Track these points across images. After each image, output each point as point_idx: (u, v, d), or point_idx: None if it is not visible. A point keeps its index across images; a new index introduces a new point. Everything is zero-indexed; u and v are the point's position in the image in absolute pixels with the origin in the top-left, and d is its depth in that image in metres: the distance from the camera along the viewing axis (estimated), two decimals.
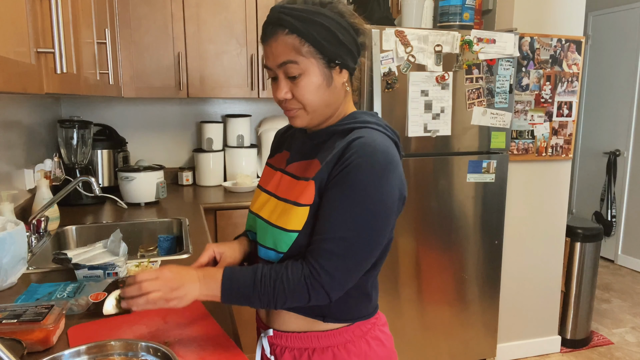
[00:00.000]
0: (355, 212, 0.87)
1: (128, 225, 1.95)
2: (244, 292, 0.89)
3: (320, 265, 0.87)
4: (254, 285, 0.89)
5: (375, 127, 0.94)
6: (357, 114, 0.98)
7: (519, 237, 2.67)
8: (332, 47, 0.89)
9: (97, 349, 0.89)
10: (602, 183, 4.36)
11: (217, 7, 2.46)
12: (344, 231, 0.87)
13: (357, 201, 0.87)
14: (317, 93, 0.91)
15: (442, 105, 2.26)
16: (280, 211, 0.95)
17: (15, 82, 0.76)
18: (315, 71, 0.90)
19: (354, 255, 0.88)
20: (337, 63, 0.91)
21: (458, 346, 2.52)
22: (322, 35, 0.88)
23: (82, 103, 2.68)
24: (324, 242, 0.88)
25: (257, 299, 0.89)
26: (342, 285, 0.89)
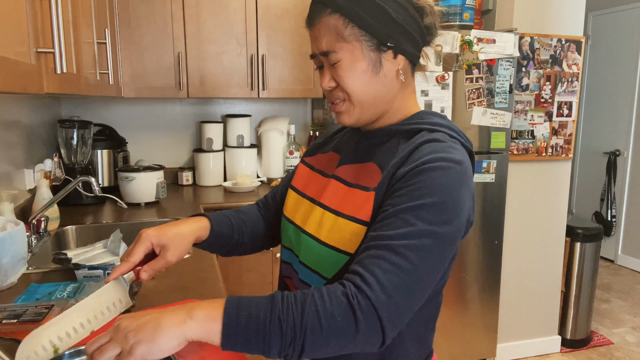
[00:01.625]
0: (424, 219, 0.67)
1: (128, 225, 1.95)
2: (258, 318, 0.61)
3: (374, 278, 0.63)
4: (272, 308, 0.62)
5: (448, 132, 0.78)
6: (425, 115, 0.82)
7: (519, 237, 2.67)
8: (382, 26, 0.75)
9: None
10: (602, 183, 4.36)
11: (217, 7, 2.46)
12: (408, 239, 0.66)
13: (428, 207, 0.67)
14: (361, 80, 0.77)
15: (442, 105, 2.26)
16: (329, 226, 0.78)
17: (15, 82, 0.76)
18: (359, 55, 0.76)
19: (417, 273, 0.65)
20: (389, 46, 0.76)
21: (458, 346, 2.52)
22: (369, 12, 0.74)
23: (82, 103, 2.68)
24: (379, 249, 0.66)
25: (276, 330, 0.61)
26: (399, 313, 0.64)
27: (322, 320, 0.61)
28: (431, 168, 0.70)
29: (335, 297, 0.62)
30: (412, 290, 0.65)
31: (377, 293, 0.62)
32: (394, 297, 0.63)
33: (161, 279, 1.35)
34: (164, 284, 1.31)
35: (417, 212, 0.67)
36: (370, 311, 0.62)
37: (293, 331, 0.61)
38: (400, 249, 0.65)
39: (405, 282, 0.64)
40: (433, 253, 0.67)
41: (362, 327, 0.61)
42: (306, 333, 0.61)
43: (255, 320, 0.61)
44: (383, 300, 0.62)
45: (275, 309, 0.62)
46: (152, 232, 0.85)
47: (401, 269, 0.64)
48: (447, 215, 0.68)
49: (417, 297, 0.66)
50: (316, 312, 0.61)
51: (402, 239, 0.65)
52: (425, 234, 0.66)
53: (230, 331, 0.61)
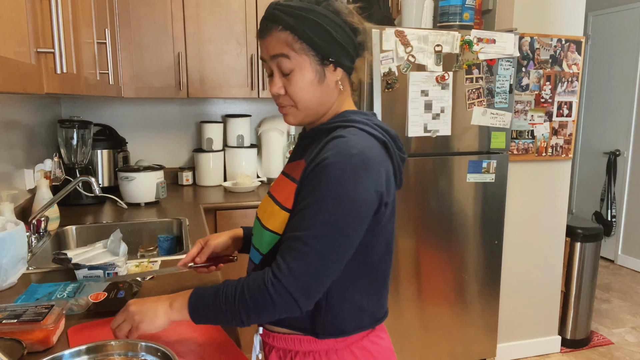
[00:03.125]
0: (324, 211, 0.83)
1: (128, 225, 1.95)
2: (209, 308, 0.87)
3: (286, 265, 0.83)
4: (215, 297, 0.87)
5: (360, 127, 0.90)
6: (347, 113, 0.95)
7: (519, 237, 2.67)
8: (325, 44, 0.89)
9: (97, 349, 0.89)
10: (602, 183, 4.36)
11: (217, 7, 2.46)
12: (312, 230, 0.83)
13: (326, 200, 0.83)
14: (309, 89, 0.91)
15: (442, 105, 2.26)
16: (269, 211, 0.96)
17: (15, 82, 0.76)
18: (308, 67, 0.90)
19: (319, 258, 0.83)
20: (330, 60, 0.90)
21: (458, 346, 2.52)
22: (314, 32, 0.88)
23: (82, 103, 2.68)
24: (292, 241, 0.85)
25: (222, 314, 0.86)
26: (309, 289, 0.83)
27: (249, 301, 0.84)
28: (329, 164, 0.84)
29: (256, 283, 0.84)
30: (318, 269, 0.83)
31: (286, 276, 0.82)
32: (300, 276, 0.83)
33: (161, 279, 1.35)
34: (164, 284, 1.31)
35: (317, 207, 0.84)
36: (281, 290, 0.82)
37: (231, 310, 0.85)
38: (305, 239, 0.83)
39: (310, 264, 0.83)
40: (334, 238, 0.83)
41: (278, 302, 0.83)
42: (240, 311, 0.85)
43: (206, 306, 0.88)
44: (291, 281, 0.82)
45: (217, 297, 0.87)
46: (202, 239, 1.17)
47: (305, 254, 0.83)
48: (343, 205, 0.83)
49: (324, 273, 0.84)
50: (242, 295, 0.85)
51: (305, 230, 0.84)
52: (324, 224, 0.83)
53: (195, 314, 0.89)
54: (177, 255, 1.55)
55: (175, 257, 1.53)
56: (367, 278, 0.95)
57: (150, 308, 0.91)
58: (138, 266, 1.39)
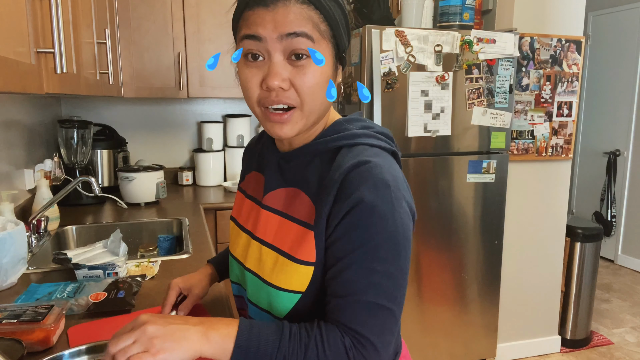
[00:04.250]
0: (380, 260, 0.67)
1: (128, 225, 1.95)
2: (265, 352, 0.65)
3: (363, 337, 0.67)
4: (280, 345, 0.65)
5: (368, 142, 0.74)
6: (340, 126, 0.77)
7: (519, 237, 2.67)
8: (345, 35, 0.72)
9: (97, 349, 0.89)
10: (602, 183, 4.36)
11: (217, 7, 2.46)
12: (376, 290, 0.67)
13: (380, 245, 0.67)
14: (322, 87, 0.70)
15: (442, 105, 2.26)
16: (271, 264, 0.75)
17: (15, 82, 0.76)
18: (329, 58, 0.70)
19: (391, 314, 0.69)
20: (344, 56, 0.74)
21: (458, 346, 2.52)
22: (340, 17, 0.69)
23: (82, 103, 2.68)
24: (357, 305, 0.67)
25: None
26: (387, 353, 0.70)
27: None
28: (368, 203, 0.67)
29: (336, 348, 0.66)
30: (392, 328, 0.70)
31: (370, 352, 0.67)
32: (382, 347, 0.68)
33: (161, 279, 1.35)
34: (164, 284, 1.31)
35: (373, 256, 0.67)
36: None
37: None
38: (373, 298, 0.67)
39: (386, 325, 0.69)
40: (397, 287, 0.69)
41: None
42: None
43: (263, 354, 0.64)
44: (375, 356, 0.68)
45: (282, 346, 0.65)
46: (179, 279, 0.99)
47: (381, 317, 0.68)
48: (398, 244, 0.69)
49: (394, 329, 0.71)
50: (317, 357, 0.65)
51: (370, 288, 0.67)
52: (389, 275, 0.68)
53: (240, 356, 0.64)
54: (177, 256, 1.55)
55: (175, 257, 1.53)
56: None
57: (178, 332, 0.63)
58: (138, 266, 1.39)
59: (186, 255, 1.55)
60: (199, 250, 1.61)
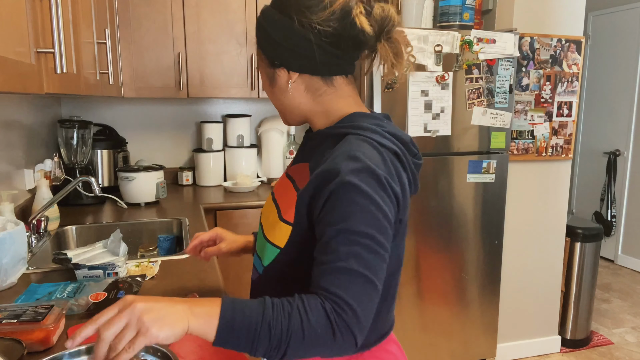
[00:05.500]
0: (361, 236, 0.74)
1: (128, 225, 1.95)
2: (252, 318, 0.68)
3: (343, 300, 0.71)
4: (264, 314, 0.69)
5: (369, 136, 0.82)
6: (356, 117, 0.87)
7: (519, 237, 2.67)
8: (269, 47, 0.87)
9: None
10: (602, 183, 4.36)
11: (217, 7, 2.46)
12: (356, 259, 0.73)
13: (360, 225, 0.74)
14: (269, 92, 0.93)
15: (442, 105, 2.26)
16: (271, 220, 0.88)
17: (15, 82, 0.76)
18: (263, 70, 0.92)
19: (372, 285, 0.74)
20: (276, 64, 0.87)
21: (458, 346, 2.52)
22: (263, 38, 0.88)
23: (82, 103, 2.68)
24: (338, 271, 0.73)
25: (266, 331, 0.68)
26: (367, 321, 0.74)
27: (305, 331, 0.69)
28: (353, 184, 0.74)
29: (317, 312, 0.70)
30: (372, 297, 0.74)
31: (350, 316, 0.71)
32: (361, 314, 0.72)
33: (161, 279, 1.35)
34: (164, 284, 1.31)
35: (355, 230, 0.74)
36: (346, 330, 0.71)
37: (279, 337, 0.68)
38: (354, 266, 0.73)
39: (366, 293, 0.73)
40: (379, 261, 0.75)
41: (339, 341, 0.71)
42: (290, 339, 0.68)
43: (248, 323, 0.68)
44: (355, 321, 0.71)
45: (266, 315, 0.69)
46: (222, 230, 1.13)
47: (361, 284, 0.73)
48: (379, 222, 0.75)
49: (375, 301, 0.75)
50: (300, 322, 0.69)
51: (352, 257, 0.73)
52: (370, 249, 0.74)
53: (224, 331, 0.67)
54: (177, 255, 1.55)
55: (175, 257, 1.53)
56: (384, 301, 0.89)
57: (165, 307, 0.66)
58: (138, 266, 1.39)
59: (186, 256, 1.55)
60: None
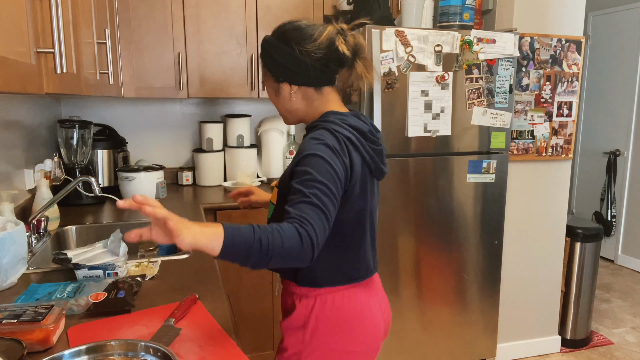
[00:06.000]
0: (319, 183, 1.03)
1: (128, 225, 1.95)
2: (246, 236, 0.92)
3: (307, 220, 0.99)
4: (253, 230, 0.94)
5: (329, 127, 1.13)
6: (328, 114, 1.18)
7: (519, 237, 2.67)
8: (275, 69, 1.18)
9: (97, 349, 0.90)
10: (602, 183, 4.36)
11: (217, 7, 2.46)
12: (315, 197, 1.02)
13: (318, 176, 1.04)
14: (273, 99, 1.25)
15: (442, 105, 2.26)
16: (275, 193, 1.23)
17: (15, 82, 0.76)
18: (269, 84, 1.22)
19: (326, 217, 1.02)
20: (281, 80, 1.18)
21: (458, 346, 2.52)
22: (268, 61, 1.19)
23: (82, 103, 2.68)
24: (303, 202, 1.02)
25: (258, 245, 0.93)
26: (320, 241, 0.99)
27: (284, 242, 0.94)
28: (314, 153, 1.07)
29: (289, 229, 0.96)
30: (324, 223, 1.01)
31: (310, 229, 0.97)
32: (318, 231, 0.98)
33: (161, 279, 1.35)
34: (164, 284, 1.31)
35: (314, 179, 1.04)
36: (308, 239, 0.96)
37: (267, 248, 0.92)
38: (315, 200, 1.01)
39: (322, 221, 1.00)
40: (331, 202, 1.04)
41: (306, 247, 0.96)
42: (274, 249, 0.93)
43: (244, 240, 0.92)
44: (314, 234, 0.97)
45: (256, 232, 0.93)
46: (253, 187, 1.51)
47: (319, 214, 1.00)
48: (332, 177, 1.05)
49: (326, 227, 1.02)
50: (280, 237, 0.94)
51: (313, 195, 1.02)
52: (325, 192, 1.03)
53: (227, 247, 0.91)
54: (177, 255, 1.55)
55: (175, 257, 1.53)
56: (340, 245, 1.17)
57: (189, 226, 0.91)
58: (138, 266, 1.39)
59: (186, 256, 1.55)
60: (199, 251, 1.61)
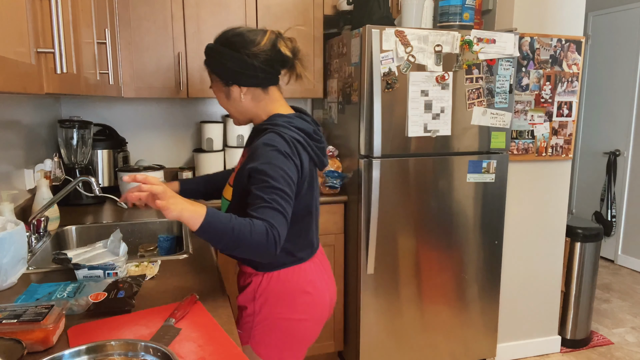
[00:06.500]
0: (275, 189, 1.15)
1: (128, 225, 1.95)
2: (224, 222, 1.08)
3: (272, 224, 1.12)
4: (230, 218, 1.09)
5: (278, 130, 1.23)
6: (275, 117, 1.28)
7: (519, 237, 2.67)
8: (224, 73, 1.28)
9: (97, 349, 0.90)
10: (602, 183, 4.36)
11: (217, 7, 2.46)
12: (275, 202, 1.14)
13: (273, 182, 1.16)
14: (223, 102, 1.34)
15: (442, 105, 2.26)
16: (227, 188, 1.34)
17: (15, 82, 0.76)
18: (218, 88, 1.32)
19: (285, 219, 1.15)
20: (230, 83, 1.28)
21: (458, 346, 2.52)
22: (216, 66, 1.29)
23: (82, 103, 2.68)
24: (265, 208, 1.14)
25: (230, 231, 1.07)
26: (282, 240, 1.13)
27: (253, 235, 1.08)
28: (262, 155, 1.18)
29: (260, 226, 1.09)
30: (285, 226, 1.15)
31: (275, 231, 1.11)
32: (281, 233, 1.13)
33: (161, 279, 1.35)
34: (164, 284, 1.31)
35: (271, 185, 1.15)
36: (273, 239, 1.10)
37: (237, 236, 1.07)
38: (275, 205, 1.14)
39: (282, 223, 1.14)
40: (288, 204, 1.17)
41: (270, 244, 1.10)
42: (243, 239, 1.07)
43: (221, 224, 1.07)
44: (277, 235, 1.11)
45: (232, 220, 1.08)
46: None
47: (279, 217, 1.14)
48: (287, 179, 1.18)
49: (286, 228, 1.16)
50: (250, 230, 1.08)
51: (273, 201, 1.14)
52: (282, 196, 1.16)
53: (205, 226, 1.06)
54: (177, 255, 1.55)
55: (175, 257, 1.53)
56: (292, 232, 1.30)
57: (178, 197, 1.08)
58: (138, 266, 1.39)
59: (186, 255, 1.55)
60: (199, 250, 1.61)
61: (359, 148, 2.29)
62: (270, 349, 1.35)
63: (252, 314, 1.34)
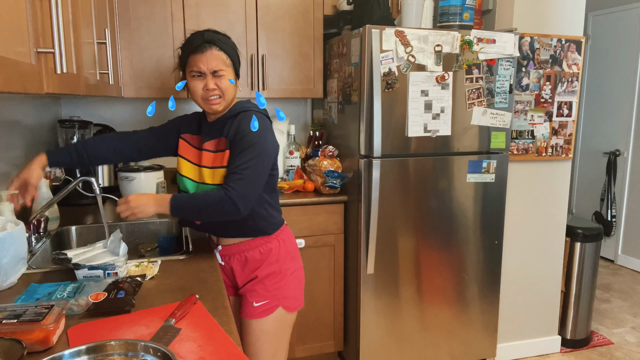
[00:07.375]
0: (251, 155, 1.40)
1: (128, 225, 1.95)
2: (184, 199, 1.40)
3: (232, 186, 1.37)
4: (189, 200, 1.40)
5: (253, 109, 1.48)
6: (241, 103, 1.51)
7: (519, 237, 2.67)
8: (237, 64, 1.50)
9: (97, 349, 0.90)
10: (602, 183, 4.36)
11: (217, 7, 2.46)
12: (245, 166, 1.39)
13: (252, 149, 1.41)
14: (228, 85, 1.46)
15: (442, 105, 2.26)
16: (209, 175, 1.48)
17: (15, 82, 0.76)
18: (231, 74, 1.47)
19: (251, 179, 1.39)
20: (238, 75, 1.51)
21: (458, 346, 2.52)
22: (235, 55, 1.49)
23: (82, 103, 2.68)
24: (234, 174, 1.39)
25: (190, 209, 1.39)
26: (246, 198, 1.38)
27: (210, 201, 1.38)
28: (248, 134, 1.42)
29: (216, 193, 1.38)
30: (253, 186, 1.40)
31: (233, 192, 1.36)
32: (242, 192, 1.37)
33: (161, 279, 1.35)
34: (164, 284, 1.31)
35: (246, 151, 1.41)
36: (229, 200, 1.36)
37: (197, 205, 1.40)
38: (243, 170, 1.39)
39: (247, 183, 1.38)
40: (257, 167, 1.41)
41: (226, 207, 1.37)
42: (203, 208, 1.39)
43: (183, 202, 1.40)
44: (236, 195, 1.36)
45: (191, 196, 1.41)
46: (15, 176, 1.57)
47: (245, 177, 1.39)
48: (265, 153, 1.44)
49: (256, 189, 1.42)
50: (206, 197, 1.38)
51: (242, 166, 1.40)
52: (252, 160, 1.40)
53: (173, 208, 1.38)
54: (177, 256, 1.55)
55: (175, 257, 1.53)
56: (272, 197, 1.56)
57: (145, 202, 1.39)
58: (138, 266, 1.39)
59: (186, 256, 1.55)
60: (200, 251, 1.61)
61: (359, 148, 2.29)
62: (295, 300, 1.61)
63: (280, 272, 1.56)
